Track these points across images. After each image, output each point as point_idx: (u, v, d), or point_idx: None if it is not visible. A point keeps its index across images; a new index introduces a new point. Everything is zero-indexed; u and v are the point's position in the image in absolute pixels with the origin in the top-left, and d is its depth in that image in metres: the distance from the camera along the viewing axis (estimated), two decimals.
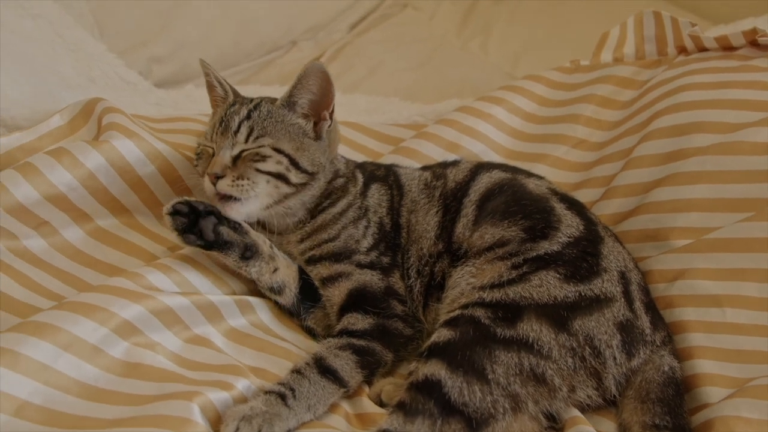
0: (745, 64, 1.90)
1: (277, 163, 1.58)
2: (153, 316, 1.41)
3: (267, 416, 1.29)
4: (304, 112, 1.64)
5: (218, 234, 1.53)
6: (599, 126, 2.04)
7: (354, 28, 3.37)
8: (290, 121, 1.63)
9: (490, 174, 1.67)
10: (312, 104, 1.64)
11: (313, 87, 1.62)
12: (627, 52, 2.17)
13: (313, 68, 1.60)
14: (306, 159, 1.61)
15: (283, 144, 1.59)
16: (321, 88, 1.62)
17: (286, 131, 1.61)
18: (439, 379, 1.33)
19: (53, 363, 1.27)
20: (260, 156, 1.57)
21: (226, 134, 1.59)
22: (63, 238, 1.62)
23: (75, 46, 2.34)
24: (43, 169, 1.58)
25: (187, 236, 1.52)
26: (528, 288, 1.44)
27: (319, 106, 1.64)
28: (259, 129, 1.59)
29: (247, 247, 1.56)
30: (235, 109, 1.64)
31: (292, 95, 1.63)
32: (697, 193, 1.71)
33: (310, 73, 1.60)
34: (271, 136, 1.59)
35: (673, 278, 1.63)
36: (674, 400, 1.40)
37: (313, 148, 1.64)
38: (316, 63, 1.60)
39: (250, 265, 1.56)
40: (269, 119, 1.61)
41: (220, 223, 1.54)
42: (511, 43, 3.29)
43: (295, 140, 1.61)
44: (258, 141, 1.58)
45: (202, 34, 2.86)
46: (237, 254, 1.55)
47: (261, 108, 1.63)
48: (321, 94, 1.63)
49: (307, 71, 1.60)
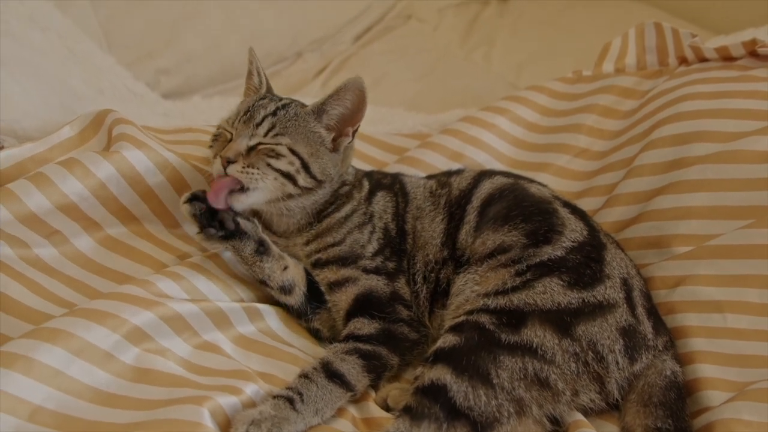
0: (745, 74, 1.92)
1: (290, 163, 1.60)
2: (163, 323, 1.43)
3: (276, 420, 1.31)
4: (330, 124, 1.66)
5: (237, 224, 1.56)
6: (601, 135, 2.07)
7: (358, 39, 3.39)
8: (312, 128, 1.65)
9: (492, 180, 1.70)
10: (341, 117, 1.66)
11: (348, 102, 1.64)
12: (628, 63, 2.20)
13: (354, 84, 1.62)
14: (317, 166, 1.63)
15: (299, 147, 1.61)
16: (355, 104, 1.64)
17: (305, 136, 1.63)
18: (444, 384, 1.36)
19: (66, 369, 1.29)
20: (275, 153, 1.59)
21: (248, 124, 1.62)
22: (74, 247, 1.63)
23: (84, 58, 2.38)
24: (55, 179, 1.60)
25: (207, 230, 1.55)
26: (532, 294, 1.46)
27: (347, 121, 1.66)
28: (280, 127, 1.61)
29: (261, 241, 1.58)
30: (264, 102, 1.67)
31: (325, 104, 1.65)
32: (698, 200, 1.73)
33: (350, 88, 1.62)
34: (290, 136, 1.61)
35: (674, 284, 1.65)
36: (676, 403, 1.43)
37: (327, 158, 1.66)
38: (358, 79, 1.61)
39: (264, 260, 1.58)
40: (293, 121, 1.63)
41: (236, 215, 1.57)
42: (514, 54, 3.32)
43: (312, 146, 1.64)
44: (276, 138, 1.60)
45: (209, 46, 2.89)
46: (253, 248, 1.57)
47: (289, 109, 1.66)
48: (353, 110, 1.65)
49: (348, 85, 1.62)
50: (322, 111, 1.65)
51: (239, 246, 1.57)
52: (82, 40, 2.44)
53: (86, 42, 2.46)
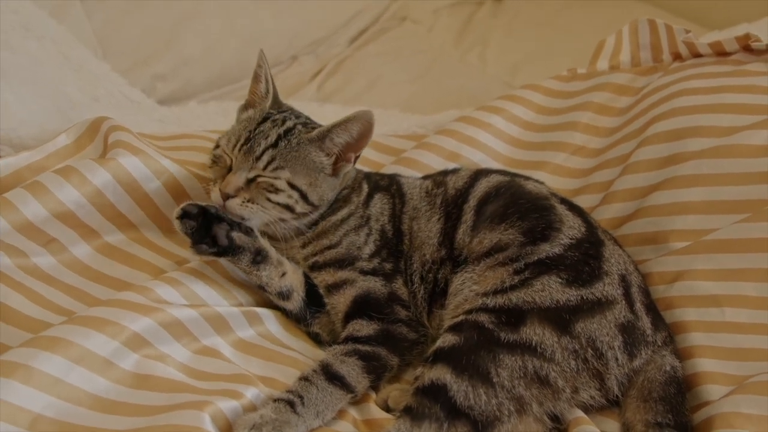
0: (739, 69, 1.92)
1: (288, 197, 1.60)
2: (162, 329, 1.42)
3: (276, 423, 1.31)
4: (333, 150, 1.65)
5: (231, 239, 1.55)
6: (597, 133, 2.07)
7: (353, 41, 3.39)
8: (313, 157, 1.64)
9: (488, 179, 1.70)
10: (345, 145, 1.65)
11: (354, 132, 1.63)
12: (623, 60, 2.20)
13: (364, 116, 1.61)
14: (315, 194, 1.63)
15: (298, 180, 1.60)
16: (361, 134, 1.64)
17: (305, 166, 1.62)
18: (444, 383, 1.36)
19: (65, 376, 1.29)
20: (274, 188, 1.58)
21: (248, 156, 1.59)
22: (72, 255, 1.63)
23: (79, 65, 2.37)
24: (52, 188, 1.60)
25: (199, 246, 1.54)
26: (530, 293, 1.46)
27: (350, 148, 1.66)
28: (280, 160, 1.60)
29: (258, 251, 1.57)
30: (265, 129, 1.64)
31: (330, 132, 1.63)
32: (694, 195, 1.73)
33: (359, 120, 1.61)
34: (290, 169, 1.60)
35: (672, 280, 1.65)
36: (676, 398, 1.43)
37: (326, 184, 1.65)
38: (368, 113, 1.61)
39: (261, 269, 1.58)
40: (294, 152, 1.61)
41: (231, 228, 1.56)
42: (509, 54, 3.31)
43: (311, 175, 1.63)
44: (276, 172, 1.59)
45: (205, 51, 2.88)
46: (248, 259, 1.56)
47: (291, 138, 1.63)
48: (358, 140, 1.65)
49: (357, 117, 1.61)
50: (326, 137, 1.64)
51: (234, 260, 1.57)
52: (77, 47, 2.43)
53: (81, 49, 2.45)
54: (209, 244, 1.54)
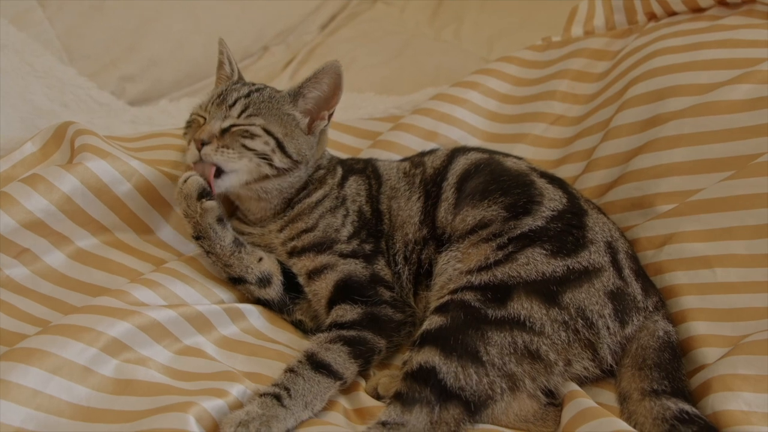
0: (715, 24, 1.89)
1: (265, 143, 1.60)
2: (141, 332, 1.40)
3: (264, 419, 1.28)
4: (306, 108, 1.67)
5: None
6: (575, 100, 2.04)
7: (325, 28, 3.35)
8: (287, 111, 1.66)
9: (466, 156, 1.67)
10: (317, 101, 1.67)
11: (324, 85, 1.65)
12: (597, 24, 2.17)
13: (332, 67, 1.63)
14: (293, 146, 1.63)
15: (273, 127, 1.62)
16: (331, 87, 1.66)
17: (279, 118, 1.64)
18: (433, 366, 1.33)
19: (44, 388, 1.26)
20: (249, 133, 1.59)
21: (221, 106, 1.62)
22: (45, 264, 1.60)
23: (45, 72, 2.35)
24: (18, 197, 1.56)
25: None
26: (515, 267, 1.43)
27: (323, 104, 1.68)
28: (254, 108, 1.63)
29: (234, 238, 1.59)
30: (237, 86, 1.68)
31: (302, 87, 1.66)
32: (677, 156, 1.71)
33: (328, 71, 1.63)
34: (263, 117, 1.62)
35: (661, 244, 1.63)
36: (671, 364, 1.40)
37: (302, 139, 1.66)
38: (336, 63, 1.63)
39: (242, 252, 1.58)
40: (267, 103, 1.65)
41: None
42: (485, 29, 3.28)
43: (286, 127, 1.64)
44: (250, 119, 1.61)
45: (173, 50, 2.84)
46: (231, 239, 1.58)
47: (263, 92, 1.67)
48: (329, 94, 1.66)
49: (325, 68, 1.63)
50: (299, 94, 1.66)
51: (220, 236, 1.57)
52: (41, 54, 2.40)
53: (46, 56, 2.42)
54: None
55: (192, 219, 1.57)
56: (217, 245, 1.57)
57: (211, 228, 1.56)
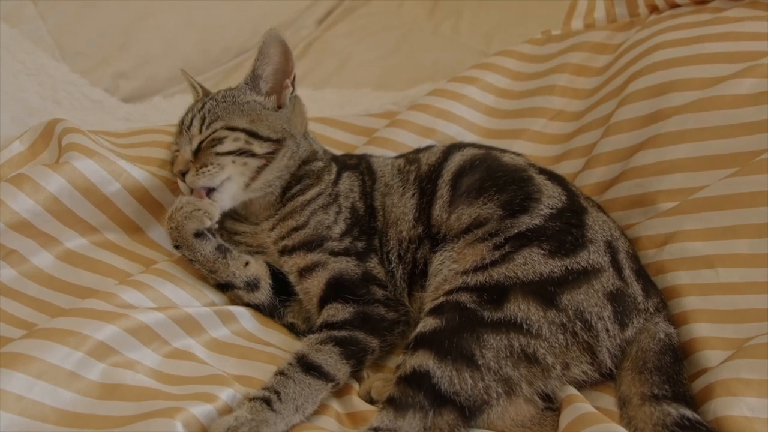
0: (718, 17, 1.85)
1: (234, 140, 1.59)
2: (129, 335, 1.37)
3: (253, 424, 1.25)
4: (268, 87, 1.67)
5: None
6: (575, 95, 2.01)
7: (321, 23, 3.31)
8: (244, 99, 1.66)
9: (462, 152, 1.64)
10: (275, 74, 1.67)
11: (273, 56, 1.66)
12: (598, 17, 2.13)
13: (272, 37, 1.63)
14: (265, 127, 1.62)
15: (235, 121, 1.62)
16: (281, 55, 1.66)
17: (239, 110, 1.64)
18: (427, 370, 1.29)
19: (28, 393, 1.24)
20: (216, 140, 1.59)
21: (184, 134, 1.64)
22: (33, 265, 1.57)
23: (36, 70, 2.33)
24: (4, 198, 1.54)
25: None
26: (512, 267, 1.40)
27: (281, 75, 1.67)
28: (210, 116, 1.63)
29: (218, 245, 1.57)
30: (194, 107, 1.68)
31: (255, 69, 1.66)
32: (680, 153, 1.67)
33: (271, 43, 1.63)
34: (222, 118, 1.62)
35: (662, 243, 1.59)
36: (672, 367, 1.36)
37: (273, 117, 1.65)
38: (272, 31, 1.63)
39: (228, 258, 1.56)
40: (221, 104, 1.65)
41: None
42: (483, 23, 3.24)
43: (250, 114, 1.64)
44: (210, 127, 1.61)
45: (166, 46, 2.82)
46: (213, 246, 1.56)
47: (216, 97, 1.68)
48: (283, 62, 1.67)
49: (267, 41, 1.63)
50: (255, 77, 1.67)
51: (201, 245, 1.55)
52: (32, 51, 2.37)
53: (38, 53, 2.39)
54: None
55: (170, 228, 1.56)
56: (198, 254, 1.55)
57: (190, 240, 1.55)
